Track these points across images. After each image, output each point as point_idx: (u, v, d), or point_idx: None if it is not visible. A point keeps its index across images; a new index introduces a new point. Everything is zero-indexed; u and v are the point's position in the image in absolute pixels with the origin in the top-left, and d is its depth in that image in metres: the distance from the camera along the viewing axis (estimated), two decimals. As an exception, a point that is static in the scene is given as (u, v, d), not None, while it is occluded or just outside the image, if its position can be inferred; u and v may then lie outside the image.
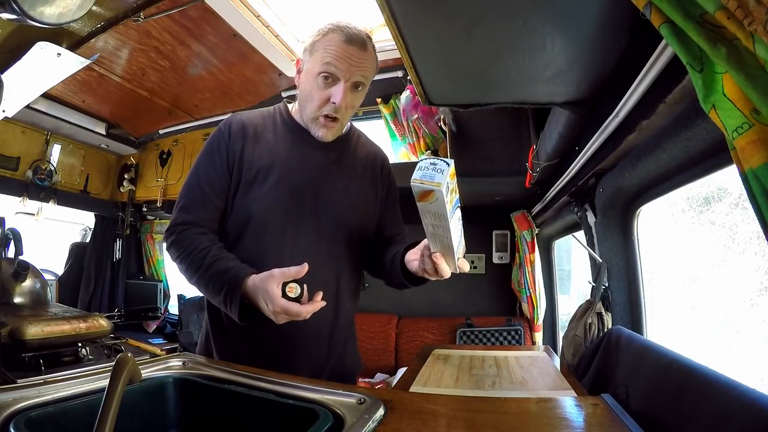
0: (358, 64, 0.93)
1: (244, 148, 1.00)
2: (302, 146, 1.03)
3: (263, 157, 1.00)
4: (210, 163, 1.00)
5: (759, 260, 1.19)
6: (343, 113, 0.98)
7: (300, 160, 1.01)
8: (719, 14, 0.41)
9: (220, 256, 0.92)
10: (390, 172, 1.17)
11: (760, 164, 0.41)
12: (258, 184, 0.98)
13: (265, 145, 1.01)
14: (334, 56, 0.92)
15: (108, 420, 0.42)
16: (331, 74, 0.93)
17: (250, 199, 0.98)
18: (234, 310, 0.87)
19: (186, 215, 0.98)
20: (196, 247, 0.93)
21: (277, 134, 1.04)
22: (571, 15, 0.74)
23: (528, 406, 0.69)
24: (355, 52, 0.93)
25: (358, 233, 1.06)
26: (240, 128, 1.01)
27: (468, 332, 2.60)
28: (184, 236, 0.96)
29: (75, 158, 3.30)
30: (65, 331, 1.74)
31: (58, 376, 0.68)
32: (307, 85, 0.98)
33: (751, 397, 0.55)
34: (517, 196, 2.33)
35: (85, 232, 3.85)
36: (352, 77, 0.94)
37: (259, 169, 0.99)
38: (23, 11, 1.23)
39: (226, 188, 0.99)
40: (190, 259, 0.93)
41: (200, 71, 2.45)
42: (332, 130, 1.00)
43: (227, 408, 0.71)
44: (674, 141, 0.87)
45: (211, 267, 0.90)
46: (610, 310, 1.27)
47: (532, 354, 1.37)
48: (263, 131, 1.03)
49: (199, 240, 0.95)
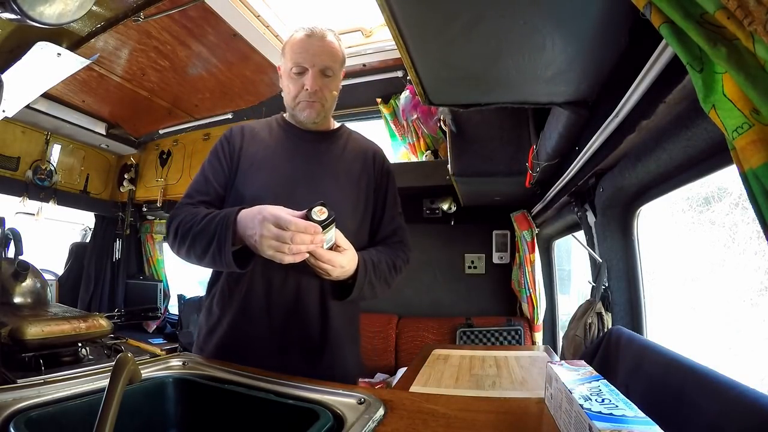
0: (319, 52, 1.04)
1: (243, 144, 1.10)
2: (294, 139, 1.12)
3: (258, 152, 1.09)
4: (214, 160, 1.09)
5: (759, 260, 1.19)
6: (321, 96, 1.06)
7: (291, 150, 1.10)
8: (719, 14, 0.41)
9: (216, 212, 0.95)
10: (386, 164, 1.19)
11: (760, 164, 0.41)
12: (252, 173, 1.06)
13: (261, 142, 1.11)
14: (298, 51, 1.04)
15: (108, 420, 0.42)
16: (300, 66, 1.04)
17: (245, 185, 1.05)
18: (221, 244, 0.87)
19: (188, 199, 1.06)
20: (191, 212, 0.99)
21: (272, 133, 1.14)
22: (571, 15, 0.74)
23: (528, 406, 0.69)
24: (315, 42, 1.04)
25: (351, 219, 1.08)
26: (239, 130, 1.13)
27: (468, 332, 2.61)
28: (185, 209, 1.02)
29: (75, 158, 3.30)
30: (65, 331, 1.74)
31: (58, 376, 0.68)
32: (285, 82, 1.09)
33: (751, 397, 0.55)
34: (517, 196, 2.33)
35: (85, 232, 3.85)
36: (317, 64, 1.03)
37: (254, 161, 1.07)
38: (23, 11, 1.23)
39: (225, 177, 1.08)
40: (185, 220, 0.97)
41: (200, 71, 2.45)
42: (314, 109, 1.07)
43: (227, 408, 0.71)
44: (674, 141, 0.87)
45: (207, 217, 0.94)
46: (610, 310, 1.27)
47: (532, 354, 1.37)
48: (260, 132, 1.14)
49: (198, 209, 1.01)
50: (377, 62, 2.49)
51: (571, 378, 0.60)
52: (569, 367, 0.66)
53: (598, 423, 0.46)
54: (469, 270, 2.93)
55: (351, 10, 2.29)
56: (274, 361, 0.94)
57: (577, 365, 0.67)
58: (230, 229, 0.87)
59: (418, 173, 2.70)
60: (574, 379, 0.60)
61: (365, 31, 2.42)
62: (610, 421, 0.46)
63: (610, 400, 0.52)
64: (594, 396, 0.54)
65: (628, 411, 0.49)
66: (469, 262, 2.93)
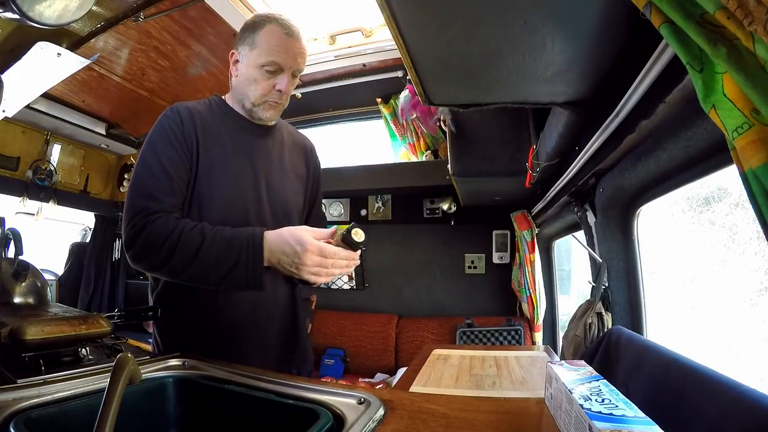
0: (298, 54, 1.02)
1: (197, 134, 1.00)
2: (246, 134, 1.08)
3: (215, 146, 1.02)
4: (170, 147, 0.97)
5: (759, 260, 1.19)
6: (285, 98, 1.07)
7: (248, 147, 1.07)
8: (719, 14, 0.41)
9: (219, 228, 0.91)
10: (318, 159, 1.24)
11: (760, 164, 0.41)
12: (217, 171, 1.01)
13: (215, 134, 1.04)
14: (277, 50, 0.99)
15: (108, 420, 0.42)
16: (275, 64, 1.00)
17: (211, 187, 1.00)
18: (256, 268, 0.87)
19: (156, 204, 0.92)
20: (182, 228, 0.88)
21: (225, 123, 1.07)
22: (571, 15, 0.74)
23: (528, 406, 0.69)
24: (294, 43, 1.01)
25: (298, 215, 1.13)
26: (188, 114, 1.02)
27: (468, 332, 2.61)
28: (161, 223, 0.89)
29: (75, 158, 3.30)
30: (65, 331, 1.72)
31: (58, 376, 0.68)
32: (250, 75, 1.02)
33: (751, 397, 0.55)
34: (517, 196, 2.33)
35: (85, 232, 3.85)
36: (293, 66, 1.02)
37: (215, 156, 1.01)
38: (23, 12, 1.23)
39: (188, 173, 0.99)
40: (183, 239, 0.87)
41: (200, 71, 2.45)
42: (277, 110, 1.07)
43: (227, 408, 0.71)
44: (674, 141, 0.87)
45: (216, 237, 0.88)
46: (610, 310, 1.27)
47: (532, 354, 1.37)
48: (210, 120, 1.05)
49: (182, 223, 0.90)
50: (377, 62, 2.49)
51: (571, 378, 0.60)
52: (569, 367, 0.66)
53: (598, 423, 0.46)
54: (469, 270, 2.93)
55: (351, 10, 2.29)
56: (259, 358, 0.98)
57: (577, 365, 0.67)
58: (261, 251, 0.87)
59: (418, 173, 2.70)
60: (574, 379, 0.60)
61: (365, 31, 2.42)
62: (610, 421, 0.46)
63: (610, 400, 0.52)
64: (594, 396, 0.54)
65: (628, 411, 0.49)
66: (469, 262, 2.93)
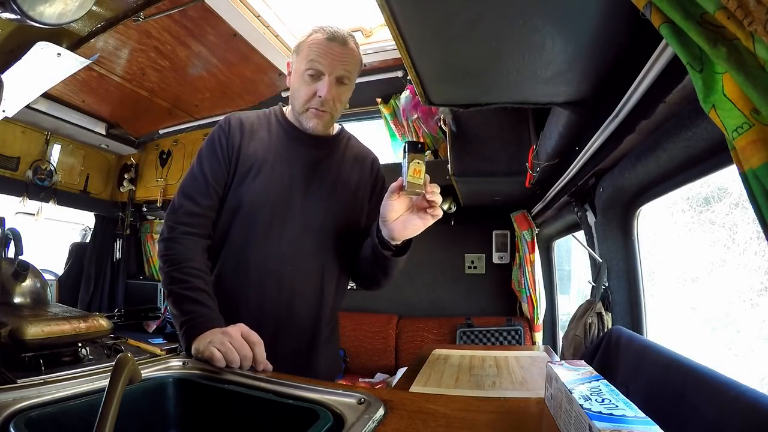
0: (340, 59, 0.99)
1: (242, 142, 1.04)
2: (294, 143, 1.07)
3: (257, 152, 1.04)
4: (212, 155, 1.04)
5: (759, 260, 1.19)
6: (331, 106, 1.03)
7: (291, 155, 1.06)
8: (719, 14, 0.41)
9: (204, 288, 0.93)
10: (381, 172, 1.20)
11: (760, 164, 0.41)
12: (250, 177, 1.03)
13: (260, 142, 1.06)
14: (317, 53, 0.98)
15: (108, 420, 0.42)
16: (316, 70, 0.99)
17: (242, 191, 1.02)
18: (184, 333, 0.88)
19: (191, 204, 1.00)
20: (180, 265, 0.94)
21: (271, 132, 1.08)
22: (571, 15, 0.74)
23: (528, 406, 0.69)
24: (336, 47, 0.98)
25: (346, 229, 1.09)
26: (238, 124, 1.06)
27: (468, 332, 2.61)
28: (182, 241, 0.97)
29: (75, 158, 3.30)
30: (65, 331, 1.73)
31: (58, 376, 0.68)
32: (295, 83, 1.04)
33: (751, 397, 0.55)
34: (517, 196, 2.33)
35: (85, 232, 3.85)
36: (335, 71, 0.99)
37: (253, 163, 1.03)
38: (23, 11, 1.23)
39: (225, 178, 1.03)
40: (171, 275, 0.94)
41: (200, 71, 2.45)
42: (322, 120, 1.04)
43: (227, 408, 0.71)
44: (674, 141, 0.87)
45: (188, 296, 0.91)
46: (610, 310, 1.27)
47: (532, 354, 1.37)
48: (259, 129, 1.08)
49: (187, 259, 0.95)
50: (377, 62, 2.49)
51: (571, 378, 0.60)
52: (569, 367, 0.66)
53: (598, 423, 0.46)
54: (469, 270, 2.93)
55: (351, 10, 2.29)
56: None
57: (577, 365, 0.67)
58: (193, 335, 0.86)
59: (418, 173, 2.69)
60: (574, 379, 0.60)
61: (365, 31, 2.42)
62: (610, 421, 0.46)
63: (610, 400, 0.52)
64: (594, 396, 0.54)
65: (628, 411, 0.49)
66: (469, 262, 2.93)
